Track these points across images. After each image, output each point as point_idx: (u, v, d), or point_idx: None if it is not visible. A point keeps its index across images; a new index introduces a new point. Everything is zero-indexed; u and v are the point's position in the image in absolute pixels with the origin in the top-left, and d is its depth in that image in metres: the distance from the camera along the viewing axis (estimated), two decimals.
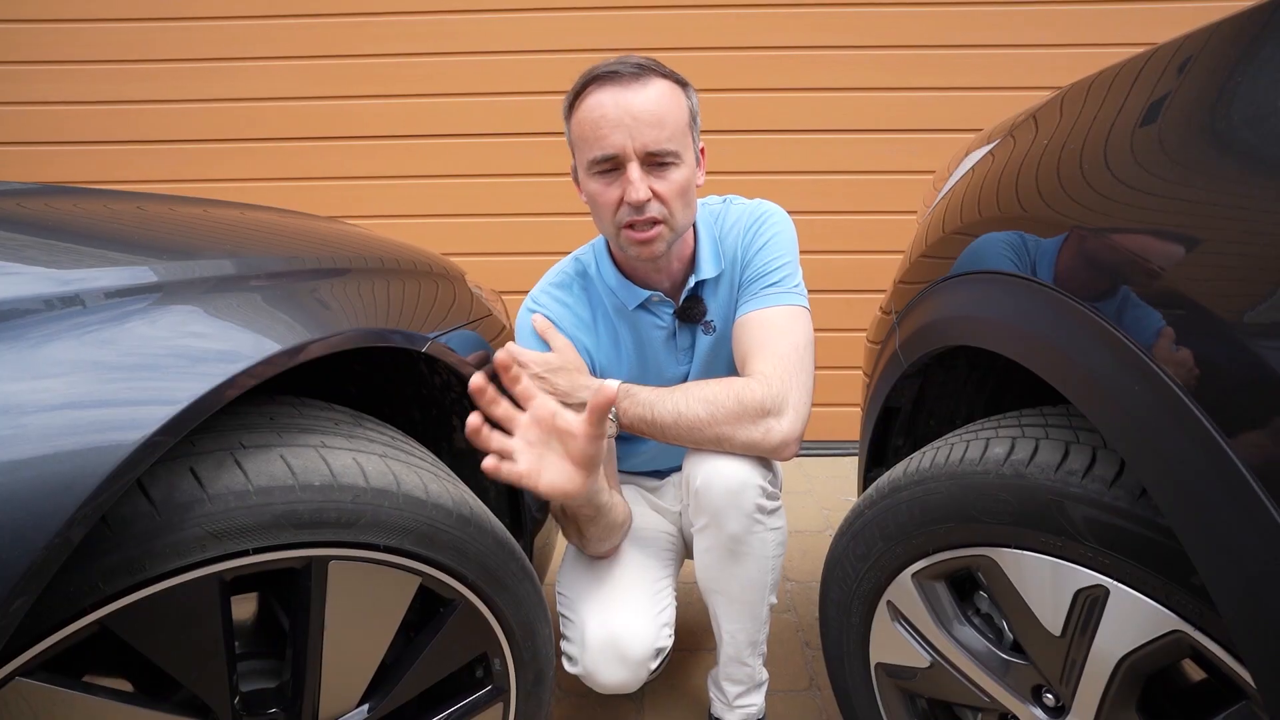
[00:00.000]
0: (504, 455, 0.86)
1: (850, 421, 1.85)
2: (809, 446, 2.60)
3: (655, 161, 1.00)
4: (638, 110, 0.97)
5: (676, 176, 1.01)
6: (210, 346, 0.60)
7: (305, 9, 2.45)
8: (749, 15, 2.44)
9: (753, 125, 2.49)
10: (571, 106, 1.04)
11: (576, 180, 1.10)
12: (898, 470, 0.90)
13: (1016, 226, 0.77)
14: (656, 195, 1.00)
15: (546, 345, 1.12)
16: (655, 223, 1.02)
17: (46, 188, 0.84)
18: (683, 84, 1.05)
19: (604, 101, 0.98)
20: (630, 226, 1.02)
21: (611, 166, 1.01)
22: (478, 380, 0.83)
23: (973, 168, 0.98)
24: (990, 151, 0.96)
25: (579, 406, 1.07)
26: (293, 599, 0.73)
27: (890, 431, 1.11)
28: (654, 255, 1.05)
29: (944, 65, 2.43)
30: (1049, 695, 0.78)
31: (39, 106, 2.49)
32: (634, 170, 0.99)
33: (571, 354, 1.13)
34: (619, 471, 1.27)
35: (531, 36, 2.46)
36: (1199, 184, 0.56)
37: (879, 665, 0.97)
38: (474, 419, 0.81)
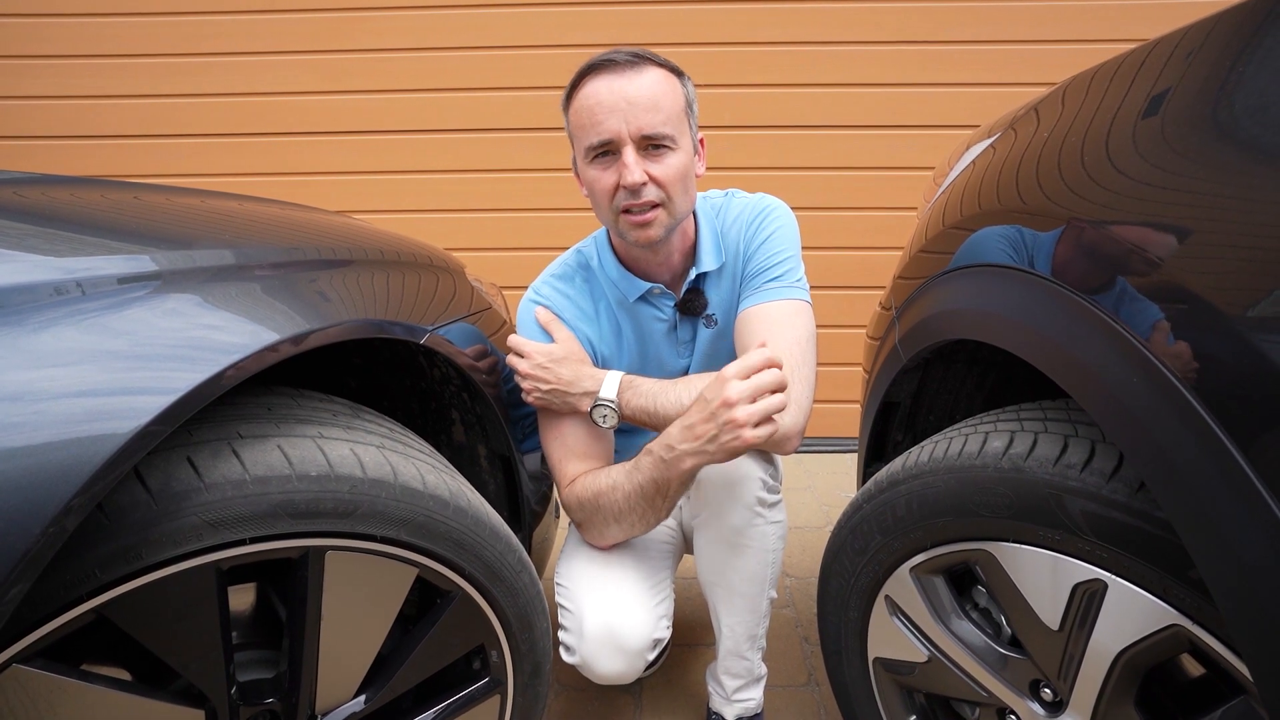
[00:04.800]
0: None
1: (851, 418, 1.84)
2: (809, 443, 2.60)
3: (651, 145, 1.01)
4: (632, 95, 0.98)
5: (673, 161, 1.02)
6: (208, 336, 0.60)
7: (307, 4, 2.45)
8: (751, 11, 2.43)
9: (754, 120, 2.48)
10: (569, 98, 1.05)
11: (577, 173, 1.10)
12: (896, 465, 0.90)
13: (1016, 220, 0.76)
14: (653, 179, 1.01)
15: (549, 336, 1.12)
16: (653, 206, 1.02)
17: (43, 177, 0.84)
18: (678, 73, 1.05)
19: (599, 89, 1.00)
20: (627, 211, 1.02)
21: (608, 151, 1.01)
22: None
23: (973, 162, 0.98)
24: (991, 145, 0.95)
25: (583, 396, 1.07)
26: (290, 589, 0.73)
27: (890, 426, 1.11)
28: (651, 239, 1.04)
29: (946, 61, 2.42)
30: (1047, 690, 0.78)
31: (38, 102, 2.49)
32: (629, 154, 1.00)
33: (574, 345, 1.13)
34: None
35: (533, 31, 2.46)
36: (1201, 176, 0.55)
37: (877, 660, 0.97)
38: None
